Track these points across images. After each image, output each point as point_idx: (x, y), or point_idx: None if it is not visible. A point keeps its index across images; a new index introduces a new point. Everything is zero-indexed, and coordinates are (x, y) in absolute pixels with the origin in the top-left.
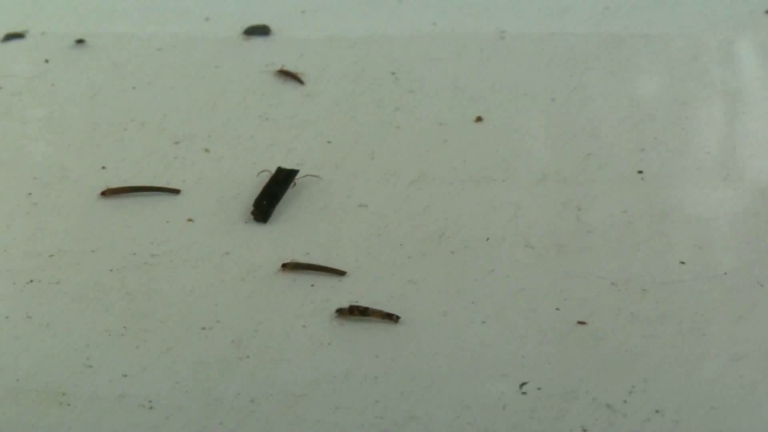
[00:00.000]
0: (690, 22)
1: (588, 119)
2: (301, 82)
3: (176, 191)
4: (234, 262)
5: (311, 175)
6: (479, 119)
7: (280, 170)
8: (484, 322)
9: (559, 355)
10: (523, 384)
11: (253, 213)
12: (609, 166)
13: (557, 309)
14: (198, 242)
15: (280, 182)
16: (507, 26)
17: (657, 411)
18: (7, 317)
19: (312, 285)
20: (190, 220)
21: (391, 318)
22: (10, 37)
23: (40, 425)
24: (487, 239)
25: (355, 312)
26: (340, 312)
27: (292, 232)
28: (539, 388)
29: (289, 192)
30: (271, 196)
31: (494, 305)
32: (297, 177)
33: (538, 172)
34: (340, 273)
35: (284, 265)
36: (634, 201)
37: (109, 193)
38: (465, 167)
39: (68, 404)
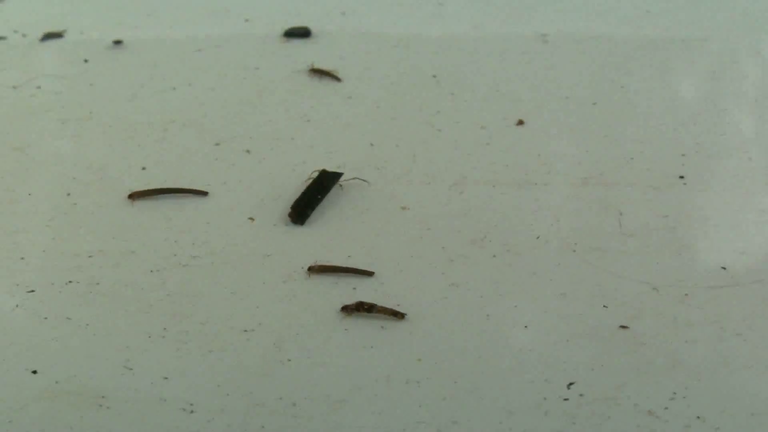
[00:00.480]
0: (730, 25)
1: (629, 123)
2: (337, 78)
3: (204, 193)
4: (275, 264)
5: (358, 179)
6: (521, 122)
7: (324, 173)
8: (526, 327)
9: (601, 360)
10: (571, 384)
11: (290, 215)
12: (650, 170)
13: (599, 313)
14: (239, 244)
15: (322, 185)
16: (548, 29)
17: (698, 417)
18: (45, 318)
19: (354, 288)
20: (251, 218)
21: (397, 315)
22: (49, 36)
23: (79, 428)
24: (530, 242)
25: (361, 309)
26: (346, 309)
27: (334, 234)
28: (581, 395)
29: (331, 194)
30: (310, 198)
31: (536, 309)
32: (342, 180)
33: (579, 175)
34: (368, 274)
35: (310, 268)
36: (676, 206)
37: (135, 196)
38: (507, 170)
39: (108, 407)
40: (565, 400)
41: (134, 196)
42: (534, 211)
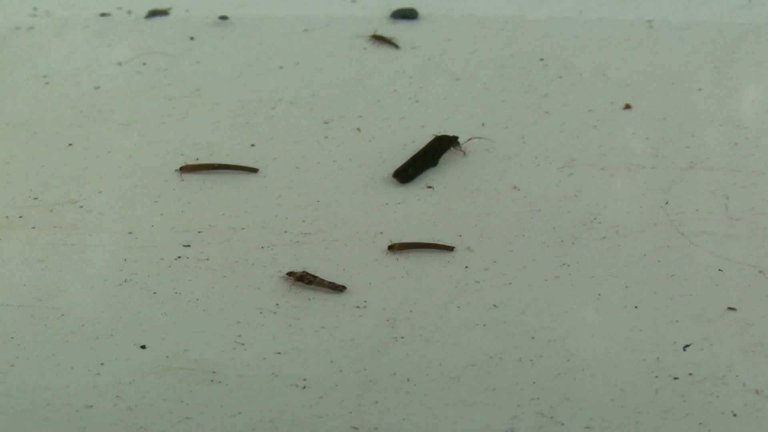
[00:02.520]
0: None
1: (733, 109)
2: (396, 46)
3: (254, 170)
4: (387, 242)
5: (479, 137)
6: (628, 106)
7: (437, 138)
8: (636, 307)
9: (709, 341)
10: (686, 346)
11: (393, 173)
12: (754, 156)
13: (707, 295)
14: (350, 221)
15: (434, 149)
16: (654, 15)
17: None
18: (154, 293)
19: (466, 267)
20: (431, 188)
21: (336, 288)
22: (155, 13)
23: (190, 402)
24: (639, 224)
25: (303, 279)
26: (291, 275)
27: (446, 212)
28: (690, 374)
29: (442, 173)
30: (416, 159)
31: (646, 290)
32: (461, 145)
33: (686, 159)
34: (449, 249)
35: (390, 247)
36: None
37: (186, 170)
38: (614, 153)
39: (219, 382)
40: (675, 378)
41: (185, 169)
42: (642, 194)
